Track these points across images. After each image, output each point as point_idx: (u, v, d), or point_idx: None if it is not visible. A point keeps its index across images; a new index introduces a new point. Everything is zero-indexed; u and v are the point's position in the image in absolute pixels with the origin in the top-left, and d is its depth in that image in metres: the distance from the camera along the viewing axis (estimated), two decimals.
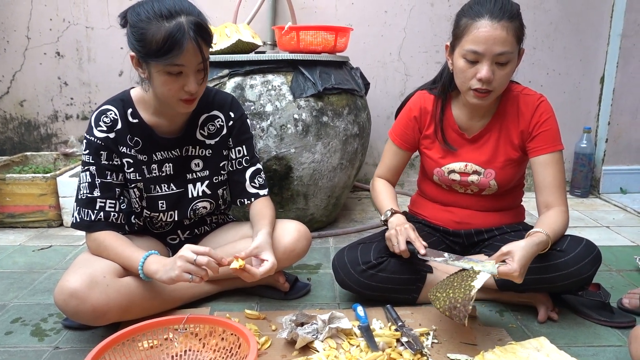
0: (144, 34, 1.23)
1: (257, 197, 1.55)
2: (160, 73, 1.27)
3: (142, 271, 1.33)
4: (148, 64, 1.28)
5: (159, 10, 1.22)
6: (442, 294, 1.30)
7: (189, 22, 1.23)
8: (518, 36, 1.35)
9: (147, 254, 1.34)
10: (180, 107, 1.34)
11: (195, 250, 1.27)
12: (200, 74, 1.31)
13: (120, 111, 1.41)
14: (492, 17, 1.32)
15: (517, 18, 1.35)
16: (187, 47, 1.22)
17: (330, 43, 2.20)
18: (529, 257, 1.27)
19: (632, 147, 2.94)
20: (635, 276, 1.82)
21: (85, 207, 1.38)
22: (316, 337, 1.31)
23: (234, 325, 1.21)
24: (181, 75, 1.28)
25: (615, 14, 2.82)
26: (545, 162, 1.45)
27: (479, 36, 1.33)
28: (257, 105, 2.03)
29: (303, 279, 1.74)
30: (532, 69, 2.92)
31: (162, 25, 1.21)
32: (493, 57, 1.33)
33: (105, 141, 1.38)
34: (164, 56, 1.22)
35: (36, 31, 2.76)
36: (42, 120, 2.88)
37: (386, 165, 1.68)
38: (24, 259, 2.00)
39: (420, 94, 1.61)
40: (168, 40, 1.21)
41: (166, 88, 1.29)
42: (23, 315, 1.54)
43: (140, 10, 1.25)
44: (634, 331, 1.08)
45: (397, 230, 1.43)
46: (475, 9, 1.36)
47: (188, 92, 1.30)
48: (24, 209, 2.35)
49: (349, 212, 2.63)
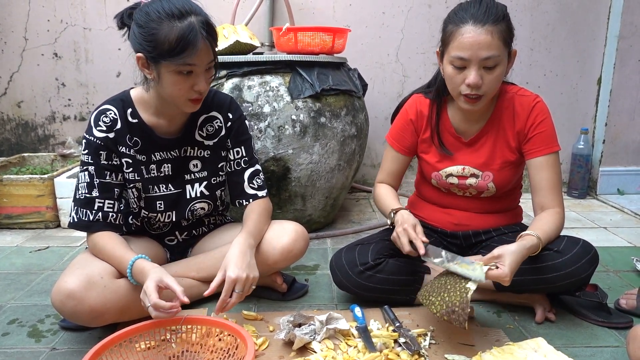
0: (156, 34, 1.23)
1: (256, 198, 1.55)
2: (171, 73, 1.27)
3: (132, 276, 1.32)
4: (158, 65, 1.27)
5: (170, 10, 1.23)
6: (436, 298, 1.30)
7: (200, 22, 1.24)
8: (505, 39, 1.34)
9: (135, 257, 1.32)
10: (188, 106, 1.35)
11: (154, 304, 1.21)
12: (210, 73, 1.32)
13: (120, 111, 1.41)
14: (475, 22, 1.32)
15: (503, 20, 1.34)
16: (200, 47, 1.24)
17: (328, 44, 2.20)
18: (519, 261, 1.27)
19: (629, 148, 2.95)
20: (632, 277, 1.82)
21: (83, 207, 1.38)
22: (314, 338, 1.31)
23: (231, 326, 1.21)
24: (191, 75, 1.28)
25: (612, 15, 2.83)
26: (541, 164, 1.45)
27: (464, 42, 1.32)
28: (254, 106, 2.03)
29: (301, 280, 1.74)
30: (529, 70, 2.92)
31: (175, 25, 1.22)
32: (480, 61, 1.33)
33: (104, 141, 1.38)
34: (177, 56, 1.23)
35: (34, 32, 2.75)
36: (40, 121, 2.88)
37: (386, 171, 1.67)
38: (21, 260, 1.99)
39: (415, 97, 1.61)
40: (182, 40, 1.22)
41: (176, 88, 1.29)
42: (20, 316, 1.53)
43: (149, 10, 1.25)
44: (632, 331, 1.08)
45: (398, 233, 1.42)
46: (459, 15, 1.36)
47: (197, 92, 1.31)
48: (22, 210, 2.35)
49: (346, 213, 2.64)
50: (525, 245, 1.31)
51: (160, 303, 1.20)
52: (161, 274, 1.26)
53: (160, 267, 1.31)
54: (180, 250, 1.64)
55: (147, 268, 1.29)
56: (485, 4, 1.34)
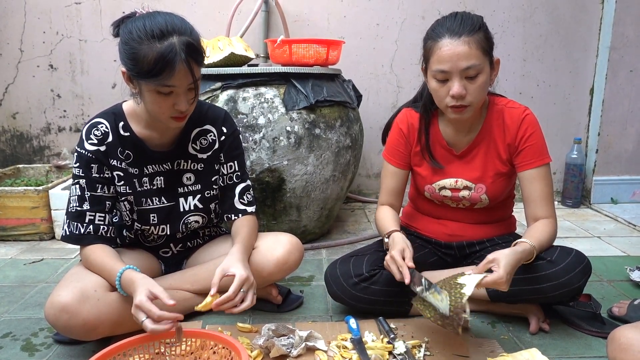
0: (136, 54, 1.22)
1: (245, 213, 1.55)
2: (151, 92, 1.27)
3: (121, 287, 1.31)
4: (139, 82, 1.28)
5: (151, 29, 1.21)
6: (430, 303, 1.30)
7: (181, 43, 1.22)
8: (484, 47, 1.36)
9: (123, 268, 1.30)
10: (171, 123, 1.34)
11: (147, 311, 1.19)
12: (191, 93, 1.30)
13: (111, 124, 1.41)
14: (451, 35, 1.34)
15: (480, 30, 1.36)
16: (179, 69, 1.22)
17: (323, 56, 2.21)
18: (513, 264, 1.27)
19: (622, 158, 2.97)
20: (626, 286, 1.83)
21: (74, 220, 1.38)
22: (290, 352, 1.31)
23: (226, 339, 1.21)
24: (172, 95, 1.27)
25: (604, 27, 2.86)
26: (533, 177, 1.47)
27: (443, 55, 1.35)
28: (249, 117, 2.04)
29: (296, 292, 1.74)
30: (522, 80, 2.95)
31: (154, 46, 1.20)
32: (460, 72, 1.35)
33: (96, 154, 1.38)
34: (154, 77, 1.22)
35: (29, 44, 2.76)
36: (35, 133, 2.88)
37: (387, 190, 1.65)
38: (15, 272, 1.98)
39: (405, 111, 1.63)
40: (159, 62, 1.20)
41: (157, 106, 1.29)
42: (13, 329, 1.52)
43: (132, 27, 1.24)
44: (611, 334, 1.09)
45: (387, 261, 1.40)
46: (436, 30, 1.38)
47: (178, 111, 1.30)
48: (16, 222, 2.34)
49: (342, 223, 2.64)
50: (518, 250, 1.32)
51: (164, 315, 1.18)
52: (148, 286, 1.23)
53: (148, 278, 1.28)
54: (175, 263, 1.64)
55: (136, 279, 1.26)
56: (461, 17, 1.37)
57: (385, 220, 1.59)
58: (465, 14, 1.38)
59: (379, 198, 1.68)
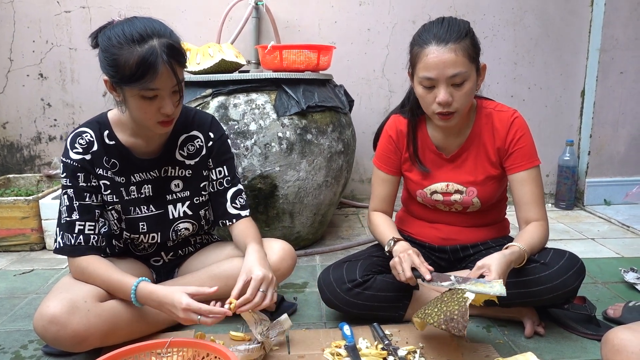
0: (117, 60, 1.21)
1: (239, 218, 1.53)
2: (135, 97, 1.26)
3: (135, 298, 1.31)
4: (122, 89, 1.27)
5: (130, 34, 1.20)
6: (432, 310, 1.29)
7: (162, 45, 1.21)
8: (470, 54, 1.36)
9: (137, 280, 1.32)
10: (158, 129, 1.33)
11: (197, 310, 1.23)
12: (176, 96, 1.29)
13: (96, 133, 1.40)
14: (438, 42, 1.34)
15: (467, 37, 1.36)
16: (161, 71, 1.21)
17: (313, 61, 2.21)
18: (505, 268, 1.27)
19: (614, 159, 2.98)
20: (620, 288, 1.83)
21: (66, 232, 1.37)
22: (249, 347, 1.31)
23: (218, 349, 1.19)
24: (156, 99, 1.26)
25: (593, 29, 2.88)
26: (523, 179, 1.47)
27: (429, 63, 1.35)
28: (241, 124, 2.03)
29: (289, 299, 1.72)
30: (513, 83, 2.96)
31: (135, 50, 1.20)
32: (447, 79, 1.35)
33: (81, 162, 1.37)
34: (137, 81, 1.21)
35: (19, 53, 2.75)
36: (25, 142, 2.86)
37: (378, 197, 1.65)
38: (5, 284, 1.96)
39: (394, 117, 1.63)
40: (141, 65, 1.19)
41: (142, 112, 1.28)
42: (2, 342, 1.50)
43: (111, 34, 1.23)
44: (605, 335, 1.08)
45: (401, 258, 1.38)
46: (423, 37, 1.38)
47: (164, 115, 1.29)
48: (6, 232, 2.32)
49: (335, 229, 2.63)
50: (507, 252, 1.32)
51: (214, 309, 1.23)
52: (180, 289, 1.27)
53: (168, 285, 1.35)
54: (167, 271, 1.62)
55: (158, 289, 1.30)
56: (447, 23, 1.37)
57: (383, 226, 1.59)
58: (452, 20, 1.38)
59: (370, 204, 1.68)
